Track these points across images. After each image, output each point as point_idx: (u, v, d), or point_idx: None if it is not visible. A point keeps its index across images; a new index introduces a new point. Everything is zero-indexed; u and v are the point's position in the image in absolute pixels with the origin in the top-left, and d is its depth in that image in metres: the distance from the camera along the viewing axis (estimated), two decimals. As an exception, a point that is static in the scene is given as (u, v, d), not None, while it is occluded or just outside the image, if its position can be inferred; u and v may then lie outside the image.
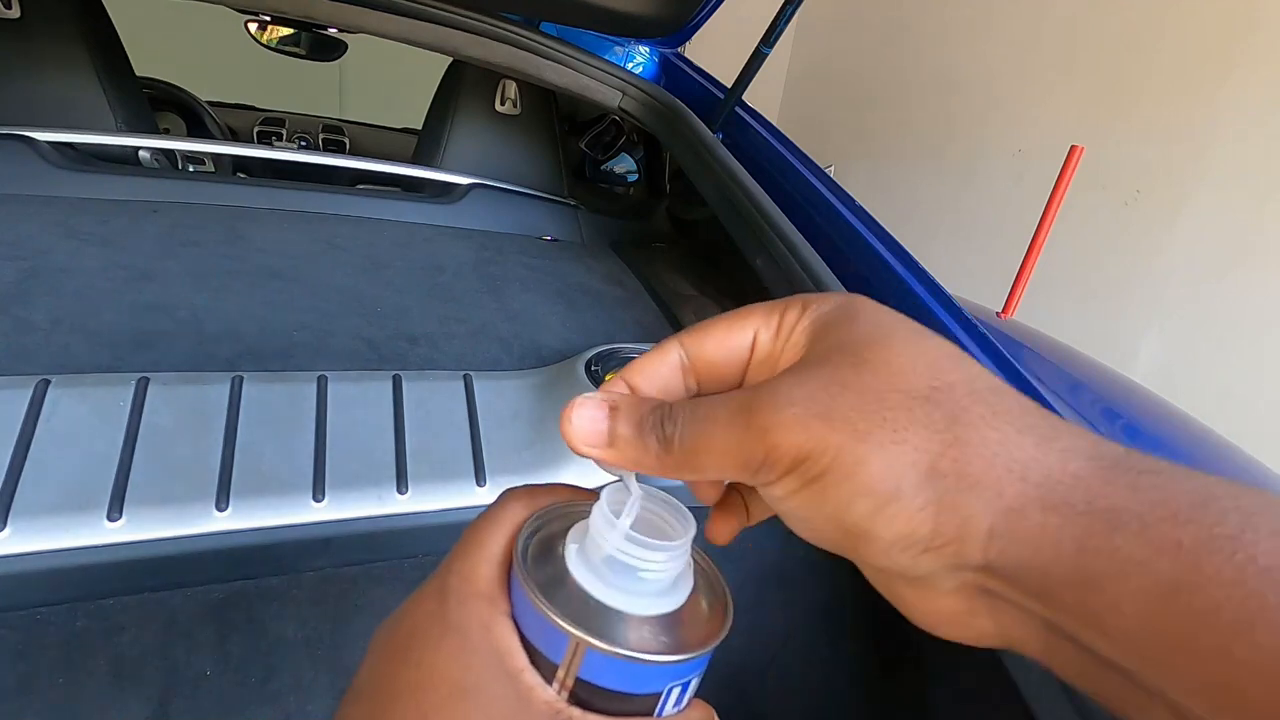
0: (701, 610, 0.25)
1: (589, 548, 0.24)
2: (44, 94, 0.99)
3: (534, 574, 0.23)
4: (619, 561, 0.23)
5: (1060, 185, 1.88)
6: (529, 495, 0.27)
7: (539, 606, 0.22)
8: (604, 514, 0.24)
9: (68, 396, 0.54)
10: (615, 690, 0.22)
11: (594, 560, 0.23)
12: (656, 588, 0.24)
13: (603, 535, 0.23)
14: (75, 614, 0.50)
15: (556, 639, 0.22)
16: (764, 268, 0.82)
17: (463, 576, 0.24)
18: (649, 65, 1.29)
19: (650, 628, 0.23)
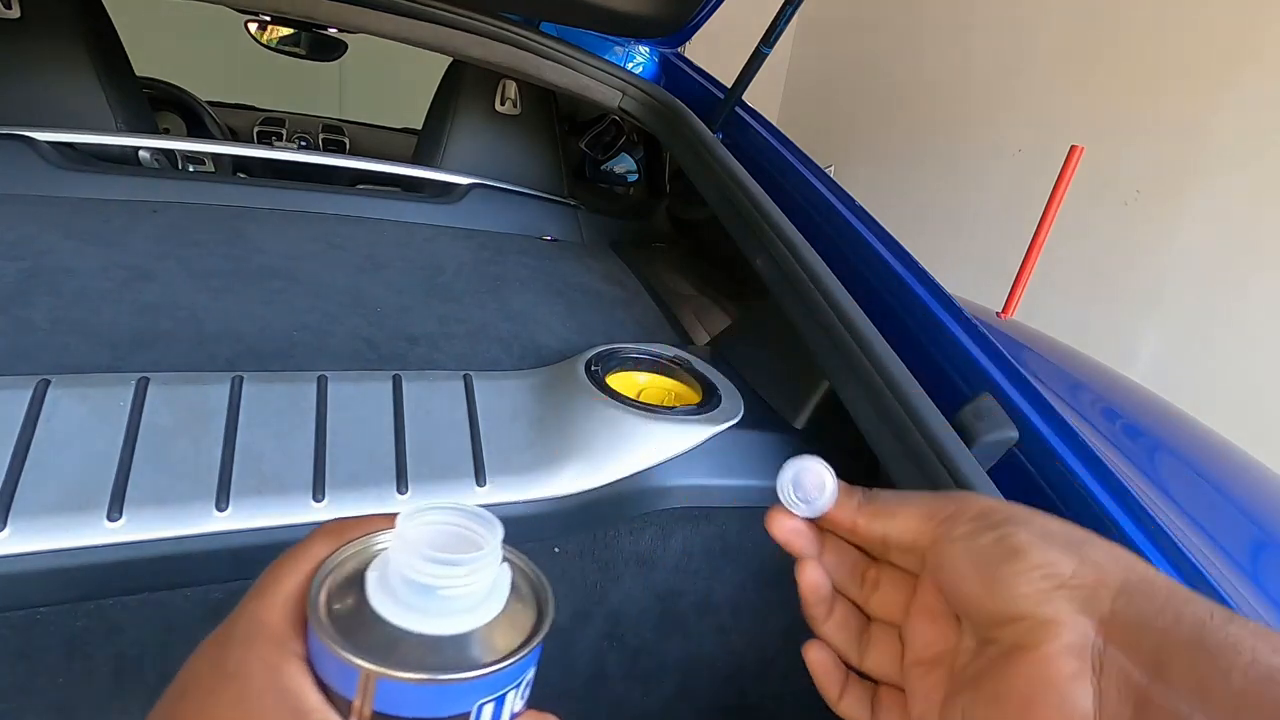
0: (517, 619, 0.24)
1: (388, 573, 0.23)
2: (44, 94, 0.99)
3: (330, 609, 0.23)
4: (415, 582, 0.23)
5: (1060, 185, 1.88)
6: (337, 530, 0.27)
7: (325, 640, 0.22)
8: (399, 536, 0.23)
9: (68, 396, 0.54)
10: (417, 718, 0.22)
11: (393, 585, 0.23)
12: (461, 604, 0.23)
13: (398, 557, 0.23)
14: (75, 614, 0.50)
15: (347, 673, 0.21)
16: (764, 268, 0.82)
17: (250, 619, 0.24)
18: (649, 65, 1.29)
19: (452, 647, 0.22)
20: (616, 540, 0.67)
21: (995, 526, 0.26)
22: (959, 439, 0.56)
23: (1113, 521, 0.52)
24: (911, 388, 0.59)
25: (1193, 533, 0.60)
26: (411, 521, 0.24)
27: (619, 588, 0.67)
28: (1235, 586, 0.52)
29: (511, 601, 0.25)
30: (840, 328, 0.67)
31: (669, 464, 0.66)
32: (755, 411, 0.74)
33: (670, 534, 0.69)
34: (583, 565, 0.66)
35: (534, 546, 0.64)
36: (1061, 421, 0.58)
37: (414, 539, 0.23)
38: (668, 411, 0.68)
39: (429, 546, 0.23)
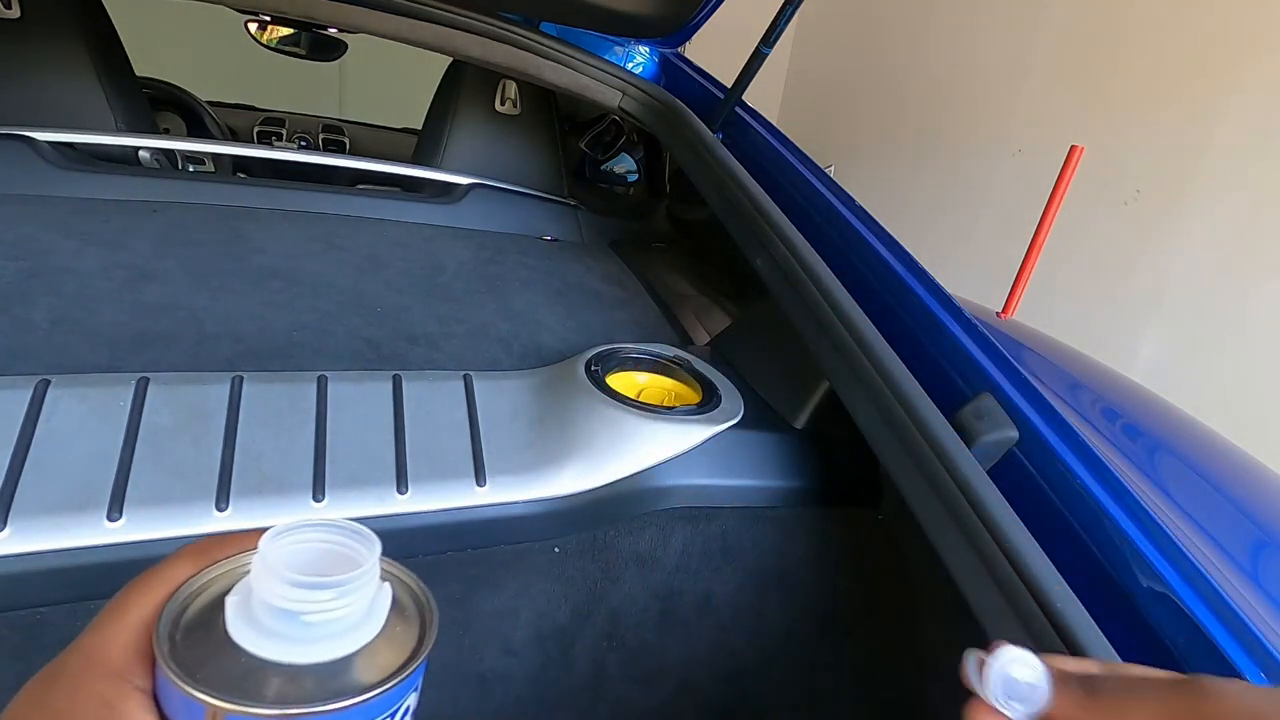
0: (397, 641, 0.22)
1: (251, 599, 0.21)
2: (44, 94, 0.99)
3: (181, 638, 0.21)
4: (278, 608, 0.21)
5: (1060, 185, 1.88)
6: (203, 550, 0.24)
7: (168, 675, 0.20)
8: (261, 557, 0.21)
9: (68, 396, 0.54)
10: None
11: (255, 612, 0.21)
12: (330, 629, 0.21)
13: (260, 580, 0.21)
14: (75, 614, 0.50)
15: (192, 710, 0.20)
16: (764, 268, 0.82)
17: (84, 652, 0.22)
18: (649, 65, 1.29)
19: (318, 676, 0.20)
20: (616, 540, 0.67)
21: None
22: (959, 439, 0.56)
23: (1113, 521, 0.52)
24: (911, 388, 0.59)
25: (1193, 533, 0.60)
26: (276, 541, 0.22)
27: (619, 588, 0.67)
28: (1235, 586, 0.52)
29: (392, 622, 0.23)
30: (840, 328, 0.67)
31: (669, 464, 0.66)
32: (755, 411, 0.74)
33: (670, 534, 0.69)
34: (583, 565, 0.66)
35: (534, 546, 0.64)
36: (1061, 421, 0.58)
37: (277, 560, 0.21)
38: (668, 411, 0.68)
39: (295, 567, 0.21)
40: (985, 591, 0.50)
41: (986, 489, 0.52)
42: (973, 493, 0.52)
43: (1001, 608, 0.49)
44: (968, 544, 0.53)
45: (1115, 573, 0.50)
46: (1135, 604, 0.49)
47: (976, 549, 0.52)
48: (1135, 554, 0.50)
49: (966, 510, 0.53)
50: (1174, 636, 0.47)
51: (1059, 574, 0.48)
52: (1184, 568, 0.49)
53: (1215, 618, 0.46)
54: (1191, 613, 0.46)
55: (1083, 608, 0.46)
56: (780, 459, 0.73)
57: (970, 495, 0.53)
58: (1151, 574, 0.49)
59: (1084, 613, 0.46)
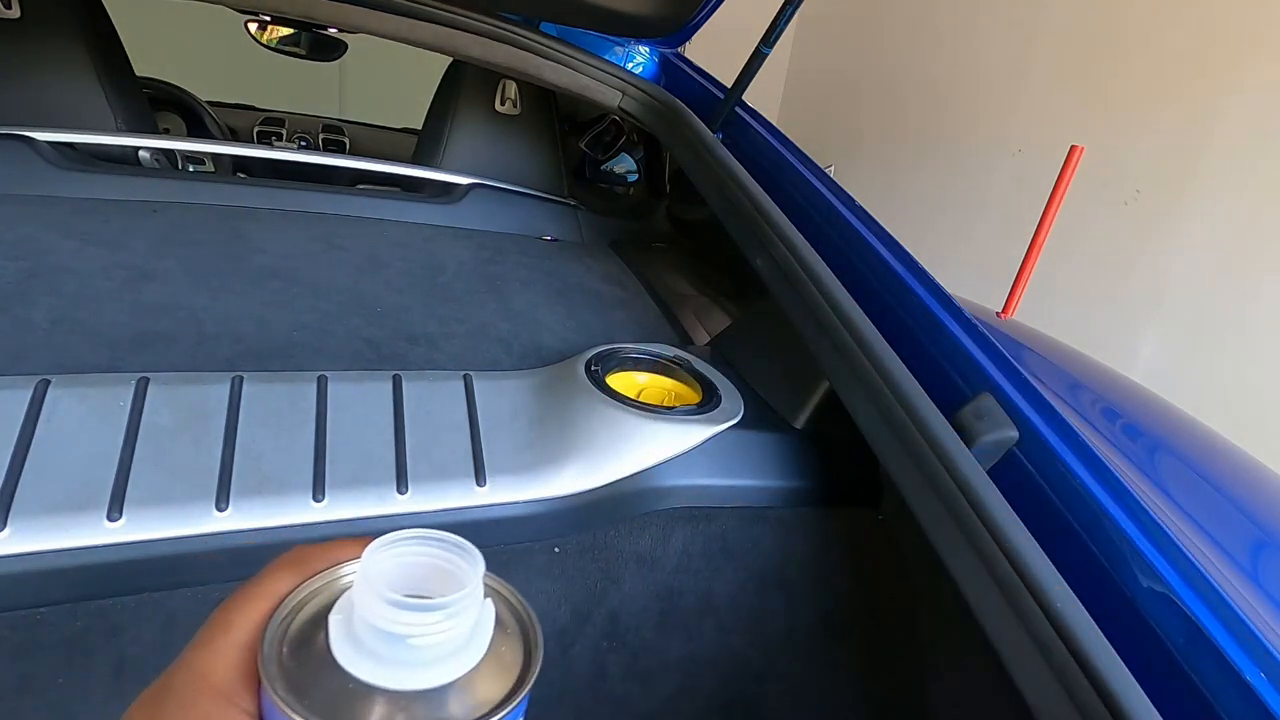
0: (503, 664, 0.21)
1: (354, 618, 0.20)
2: (44, 94, 0.99)
3: (286, 659, 0.20)
4: (383, 630, 0.20)
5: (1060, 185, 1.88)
6: (301, 560, 0.23)
7: (277, 702, 0.19)
8: (363, 574, 0.20)
9: (68, 396, 0.54)
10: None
11: (358, 633, 0.20)
12: (436, 653, 0.20)
13: (363, 600, 0.20)
14: (75, 614, 0.50)
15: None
16: (764, 268, 0.82)
17: (190, 672, 0.21)
18: (649, 65, 1.29)
19: (426, 703, 0.20)
20: (616, 540, 0.67)
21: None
22: (959, 439, 0.56)
23: (1113, 521, 0.52)
24: (911, 388, 0.59)
25: (1193, 533, 0.60)
26: (377, 555, 0.21)
27: (619, 588, 0.67)
28: (1235, 586, 0.52)
29: (496, 643, 0.22)
30: (840, 328, 0.67)
31: (669, 464, 0.66)
32: (755, 411, 0.74)
33: (670, 534, 0.69)
34: (583, 565, 0.66)
35: (534, 546, 0.64)
36: (1061, 421, 0.58)
37: (380, 577, 0.20)
38: (668, 411, 0.68)
39: (399, 585, 0.20)
40: (985, 591, 0.50)
41: (986, 489, 0.52)
42: (973, 493, 0.52)
43: (1001, 608, 0.49)
44: (968, 544, 0.53)
45: (1115, 573, 0.50)
46: (1135, 604, 0.49)
47: (976, 549, 0.52)
48: (1135, 554, 0.50)
49: (966, 510, 0.53)
50: (1174, 636, 0.47)
51: (1059, 574, 0.48)
52: (1184, 568, 0.49)
53: (1215, 618, 0.46)
54: (1191, 613, 0.46)
55: (1083, 608, 0.46)
56: (780, 459, 0.73)
57: (970, 495, 0.53)
58: (1151, 574, 0.49)
59: (1084, 613, 0.46)
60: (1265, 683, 0.43)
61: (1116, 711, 0.41)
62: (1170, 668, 0.46)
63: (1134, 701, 0.41)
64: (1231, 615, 0.46)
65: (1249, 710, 0.43)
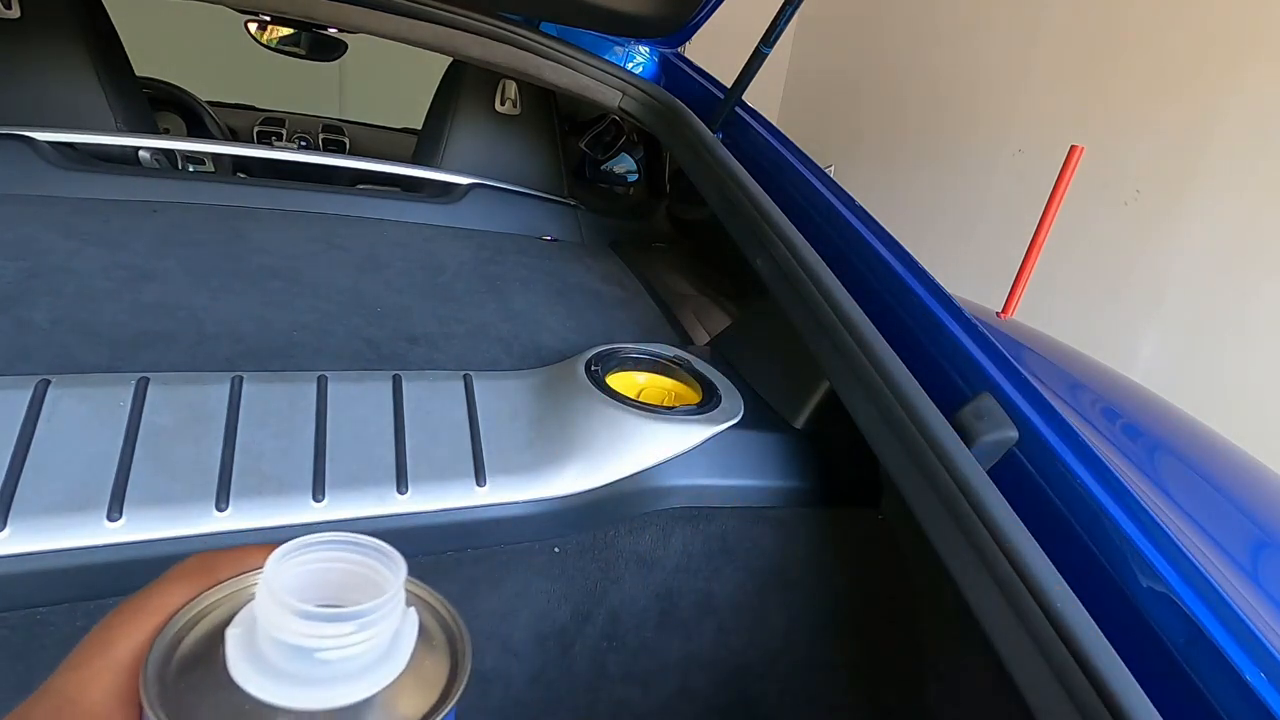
0: (425, 678, 0.19)
1: (256, 631, 0.18)
2: (44, 94, 0.99)
3: (171, 682, 0.18)
4: (287, 644, 0.18)
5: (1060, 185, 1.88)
6: (197, 569, 0.21)
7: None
8: (265, 582, 0.18)
9: (68, 396, 0.54)
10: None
11: (261, 647, 0.18)
12: (350, 667, 0.18)
13: (266, 611, 0.18)
14: (75, 614, 0.50)
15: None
16: (764, 268, 0.82)
17: (61, 696, 0.18)
18: (649, 65, 1.29)
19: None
20: (616, 540, 0.67)
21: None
22: (959, 439, 0.56)
23: (1113, 521, 0.52)
24: (911, 388, 0.59)
25: (1193, 533, 0.60)
26: (284, 562, 0.18)
27: (619, 588, 0.67)
28: (1235, 586, 0.52)
29: (419, 656, 0.20)
30: (840, 328, 0.67)
31: (669, 464, 0.66)
32: (755, 411, 0.74)
33: (670, 534, 0.69)
34: (583, 565, 0.66)
35: (534, 546, 0.64)
36: (1061, 421, 0.58)
37: (284, 587, 0.18)
38: (668, 411, 0.68)
39: (308, 594, 0.18)
40: (985, 591, 0.50)
41: (986, 489, 0.52)
42: (973, 493, 0.52)
43: (1001, 608, 0.49)
44: (968, 544, 0.53)
45: (1115, 573, 0.50)
46: (1135, 604, 0.49)
47: (976, 549, 0.52)
48: (1135, 554, 0.50)
49: (966, 510, 0.53)
50: (1174, 637, 0.47)
51: (1059, 574, 0.48)
52: (1184, 568, 0.49)
53: (1215, 618, 0.46)
54: (1191, 613, 0.46)
55: (1083, 608, 0.46)
56: (780, 459, 0.73)
57: (970, 495, 0.53)
58: (1151, 574, 0.49)
59: (1084, 613, 0.46)
60: (1265, 683, 0.43)
61: (1116, 711, 0.41)
62: (1170, 668, 0.46)
63: (1134, 701, 0.41)
64: (1231, 615, 0.46)
65: (1249, 710, 0.43)
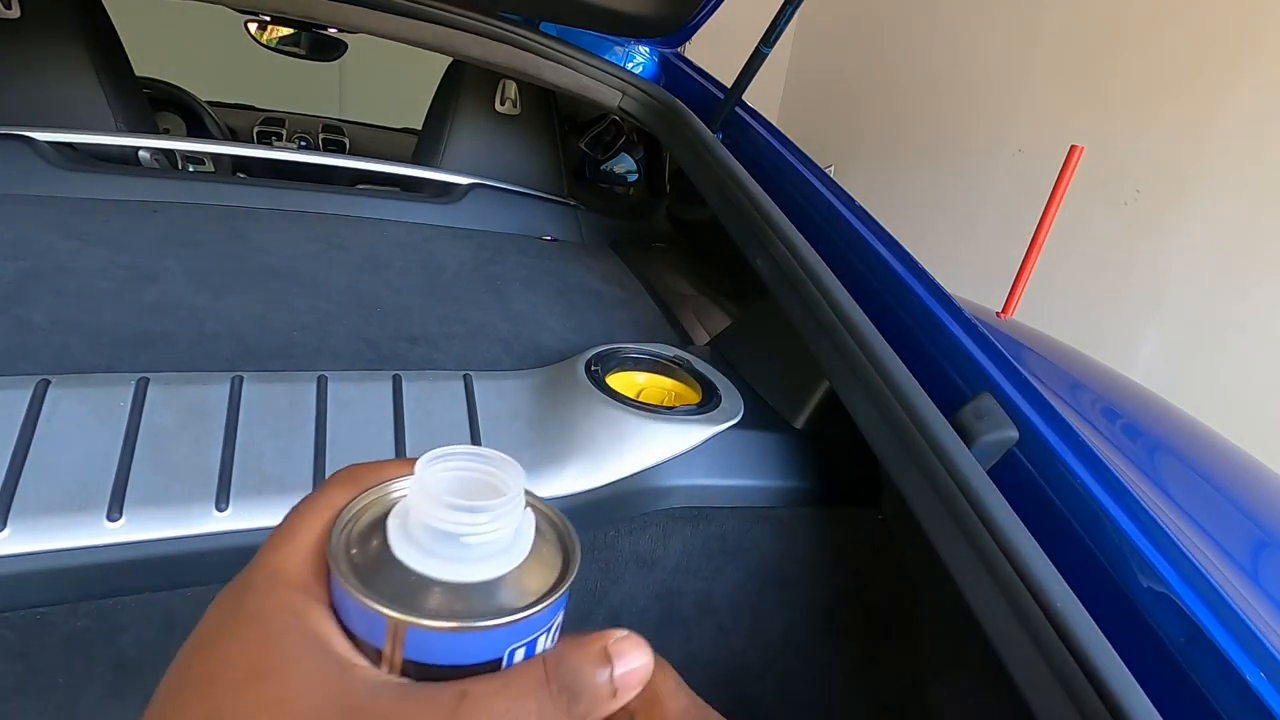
0: (545, 564, 0.24)
1: (409, 521, 0.23)
2: (44, 94, 0.99)
3: (351, 557, 0.22)
4: (439, 530, 0.22)
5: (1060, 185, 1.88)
6: (354, 477, 0.26)
7: (350, 590, 0.21)
8: (419, 482, 0.23)
9: (68, 396, 0.54)
10: (448, 665, 0.21)
11: (415, 533, 0.23)
12: (486, 550, 0.23)
13: (419, 505, 0.22)
14: (75, 614, 0.50)
15: (374, 623, 0.21)
16: (764, 268, 0.82)
17: (267, 568, 0.23)
18: (649, 65, 1.29)
19: (480, 593, 0.22)
20: (616, 540, 0.67)
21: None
22: (959, 439, 0.56)
23: (1113, 521, 0.52)
24: (911, 388, 0.59)
25: (1193, 533, 0.60)
26: (431, 468, 0.23)
27: (619, 588, 0.67)
28: (1235, 586, 0.52)
29: (538, 546, 0.24)
30: (840, 328, 0.67)
31: (669, 464, 0.66)
32: (755, 411, 0.74)
33: (670, 534, 0.69)
34: (583, 565, 0.66)
35: None
36: (1061, 421, 0.58)
37: (434, 486, 0.22)
38: (668, 411, 0.68)
39: (450, 493, 0.22)
40: (985, 591, 0.50)
41: (986, 489, 0.52)
42: (973, 493, 0.52)
43: (1001, 608, 0.49)
44: (968, 544, 0.53)
45: (1115, 573, 0.50)
46: (1135, 604, 0.49)
47: (976, 549, 0.52)
48: (1135, 554, 0.50)
49: (966, 510, 0.53)
50: (1174, 636, 0.47)
51: (1059, 574, 0.48)
52: (1184, 568, 0.49)
53: (1215, 618, 0.46)
54: (1191, 613, 0.46)
55: (1083, 608, 0.46)
56: (780, 459, 0.73)
57: (970, 495, 0.53)
58: (1151, 574, 0.49)
59: (1084, 613, 0.46)
60: (1265, 683, 0.43)
61: (1116, 711, 0.41)
62: (1170, 668, 0.46)
63: (1134, 701, 0.41)
64: (1231, 615, 0.46)
65: (1249, 710, 0.43)
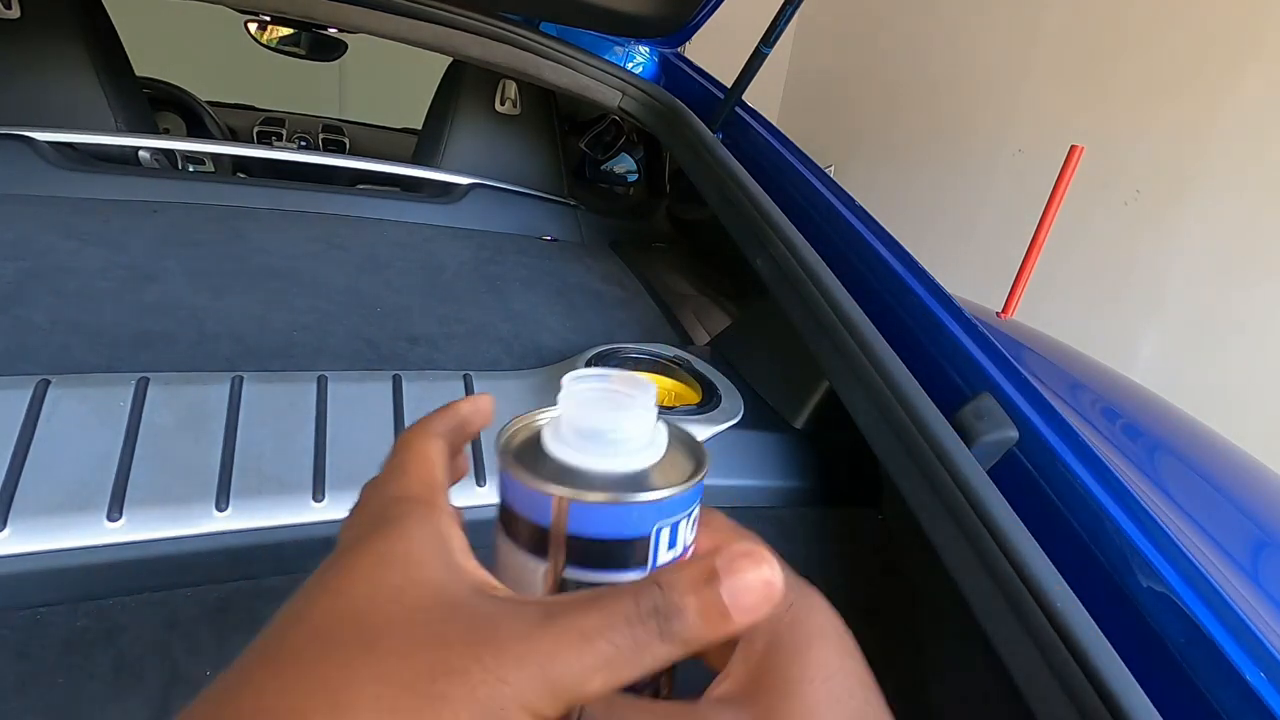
0: (679, 462, 0.28)
1: (560, 428, 0.27)
2: (44, 94, 0.99)
3: (516, 457, 0.26)
4: (589, 429, 0.26)
5: (1060, 185, 1.88)
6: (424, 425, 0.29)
7: (521, 478, 0.24)
8: (569, 394, 0.27)
9: (68, 396, 0.54)
10: (604, 538, 0.25)
11: (567, 436, 0.26)
12: (629, 447, 0.26)
13: (570, 411, 0.26)
14: (75, 614, 0.50)
15: (542, 503, 0.24)
16: (764, 268, 0.82)
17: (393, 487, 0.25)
18: (649, 65, 1.29)
19: (627, 479, 0.26)
20: None
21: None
22: (959, 439, 0.56)
23: (1113, 521, 0.52)
24: (911, 388, 0.59)
25: (1193, 533, 0.60)
26: (576, 384, 0.28)
27: None
28: (1235, 586, 0.52)
29: (672, 449, 0.28)
30: (840, 328, 0.67)
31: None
32: (755, 411, 0.74)
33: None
34: None
35: None
36: (1061, 421, 0.58)
37: (582, 395, 0.27)
38: (668, 411, 0.68)
39: (594, 402, 0.26)
40: (985, 591, 0.50)
41: (986, 489, 0.52)
42: (973, 493, 0.52)
43: (1001, 608, 0.49)
44: (967, 544, 0.53)
45: (1115, 573, 0.50)
46: (1135, 604, 0.49)
47: (976, 549, 0.52)
48: (1135, 554, 0.50)
49: (966, 510, 0.53)
50: (1174, 636, 0.47)
51: (1059, 574, 0.48)
52: (1184, 568, 0.49)
53: (1215, 618, 0.46)
54: (1191, 613, 0.46)
55: (1083, 608, 0.46)
56: (780, 459, 0.73)
57: (970, 495, 0.53)
58: (1151, 574, 0.49)
59: (1084, 612, 0.46)
60: (1265, 683, 0.43)
61: (1116, 711, 0.41)
62: (1170, 668, 0.46)
63: (1134, 701, 0.41)
64: (1231, 615, 0.46)
65: (1249, 710, 0.43)
